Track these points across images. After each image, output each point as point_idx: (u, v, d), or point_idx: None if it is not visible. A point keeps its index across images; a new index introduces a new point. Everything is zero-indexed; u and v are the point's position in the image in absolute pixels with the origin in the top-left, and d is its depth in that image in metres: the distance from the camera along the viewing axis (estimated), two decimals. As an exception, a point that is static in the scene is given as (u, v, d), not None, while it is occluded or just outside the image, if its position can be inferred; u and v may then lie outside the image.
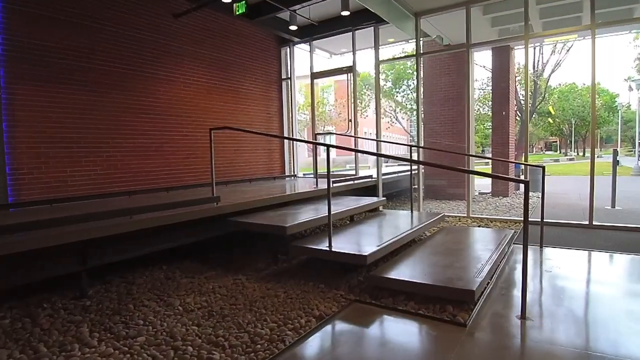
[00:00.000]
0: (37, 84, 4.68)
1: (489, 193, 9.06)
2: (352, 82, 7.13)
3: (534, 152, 49.17)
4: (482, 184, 10.14)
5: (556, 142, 49.13)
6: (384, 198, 5.31)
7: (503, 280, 3.22)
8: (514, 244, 4.39)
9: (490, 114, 9.50)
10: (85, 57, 5.09)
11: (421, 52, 6.35)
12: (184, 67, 6.28)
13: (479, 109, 25.50)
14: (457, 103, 8.48)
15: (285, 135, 8.13)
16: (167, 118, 6.04)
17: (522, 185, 2.53)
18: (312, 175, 7.96)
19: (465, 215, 6.07)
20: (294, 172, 8.26)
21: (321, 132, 17.88)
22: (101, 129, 5.27)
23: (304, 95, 28.83)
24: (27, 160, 4.66)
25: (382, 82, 26.87)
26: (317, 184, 5.83)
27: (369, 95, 29.20)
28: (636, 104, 29.19)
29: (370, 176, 6.94)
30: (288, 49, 8.06)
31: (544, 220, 5.20)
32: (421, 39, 7.75)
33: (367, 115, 30.41)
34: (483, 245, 3.90)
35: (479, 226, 5.41)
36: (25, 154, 4.64)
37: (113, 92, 5.39)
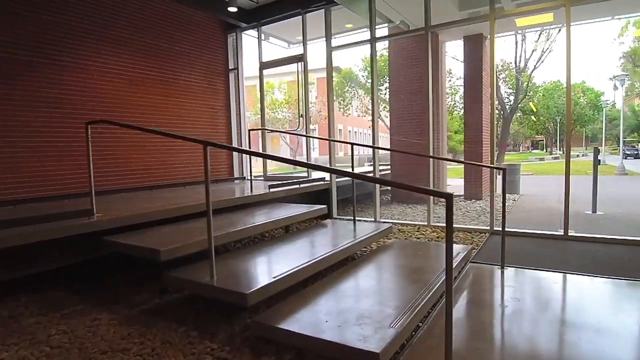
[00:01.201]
0: None
1: (461, 196, 8.29)
2: (302, 72, 6.27)
3: (520, 151, 48.92)
4: (455, 186, 9.38)
5: (542, 140, 48.98)
6: (324, 206, 4.47)
7: (440, 324, 2.39)
8: (471, 262, 3.58)
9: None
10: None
11: (375, 36, 5.52)
12: (100, 53, 5.35)
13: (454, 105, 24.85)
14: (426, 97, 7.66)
15: (234, 133, 7.25)
16: (76, 113, 5.11)
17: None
18: (262, 178, 7.10)
19: (426, 223, 5.26)
20: (243, 175, 7.38)
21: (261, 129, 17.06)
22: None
23: (283, 93, 27.93)
24: None
25: (362, 79, 26.10)
26: (251, 190, 4.97)
27: (351, 92, 28.41)
28: (621, 102, 28.92)
29: (323, 179, 6.10)
30: (235, 36, 7.17)
31: (513, 230, 4.44)
32: (385, 24, 6.95)
33: (349, 114, 29.62)
34: (426, 269, 3.07)
35: (437, 237, 4.60)
36: None
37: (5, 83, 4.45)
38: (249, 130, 5.05)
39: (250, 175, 7.35)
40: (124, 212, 3.54)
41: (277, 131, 6.80)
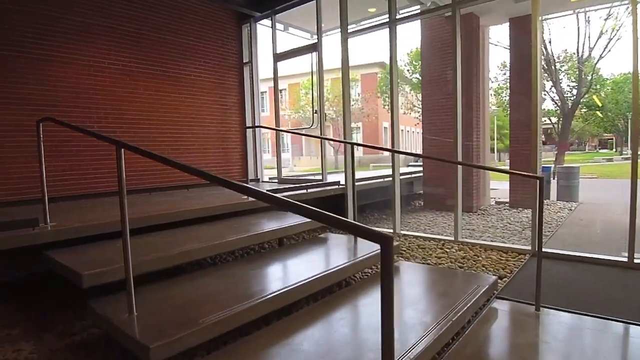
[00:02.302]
0: None
1: (505, 203, 7.21)
2: (317, 62, 5.61)
3: (585, 151, 44.65)
4: (503, 190, 8.24)
5: (612, 139, 44.39)
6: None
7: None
8: (498, 297, 2.74)
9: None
10: None
11: (395, 18, 4.72)
12: (98, 47, 5.04)
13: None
14: (465, 90, 6.69)
15: (248, 131, 6.74)
16: (70, 110, 4.83)
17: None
18: (277, 180, 6.53)
19: (453, 238, 4.39)
20: (257, 176, 6.86)
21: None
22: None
23: (330, 91, 27.28)
24: None
25: (407, 74, 24.83)
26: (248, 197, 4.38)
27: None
28: None
29: (338, 182, 5.39)
30: (249, 27, 6.66)
31: (558, 252, 3.55)
32: (415, 8, 6.12)
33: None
34: (428, 310, 2.30)
35: (463, 258, 3.73)
36: None
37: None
38: (246, 128, 4.48)
39: (261, 176, 6.87)
40: (84, 222, 3.09)
41: (283, 130, 6.19)
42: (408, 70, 24.29)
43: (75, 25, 4.86)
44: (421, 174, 7.65)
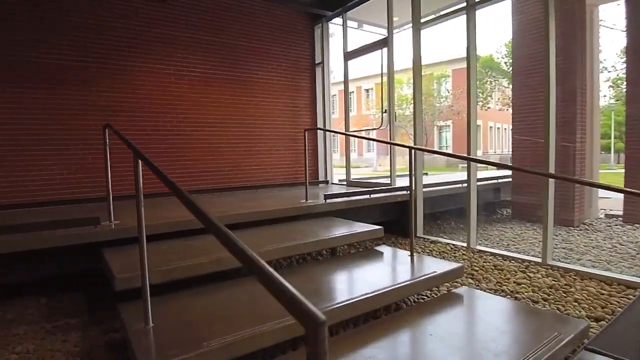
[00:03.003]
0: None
1: (619, 217, 6.01)
2: (386, 58, 5.22)
3: None
4: (616, 200, 6.92)
5: None
6: (378, 228, 3.45)
7: None
8: (586, 350, 2.15)
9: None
10: (43, 52, 4.50)
11: (475, 1, 4.14)
12: (174, 56, 5.34)
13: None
14: (564, 81, 5.70)
15: (319, 133, 6.62)
16: (151, 115, 5.18)
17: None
18: (346, 182, 6.30)
19: (541, 260, 3.70)
20: (327, 178, 6.70)
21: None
22: (65, 130, 4.66)
23: (409, 87, 26.16)
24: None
25: (505, 67, 22.63)
26: (306, 198, 4.23)
27: (491, 82, 25.16)
28: None
29: (407, 187, 4.96)
30: (322, 27, 6.51)
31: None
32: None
33: (488, 107, 26.31)
34: None
35: (551, 288, 3.08)
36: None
37: (80, 88, 4.72)
38: (305, 130, 4.32)
39: (331, 177, 6.67)
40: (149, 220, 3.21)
41: (332, 131, 5.88)
42: (505, 63, 22.16)
43: (156, 37, 5.19)
44: (510, 179, 6.77)
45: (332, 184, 6.63)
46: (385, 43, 5.25)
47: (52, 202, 4.55)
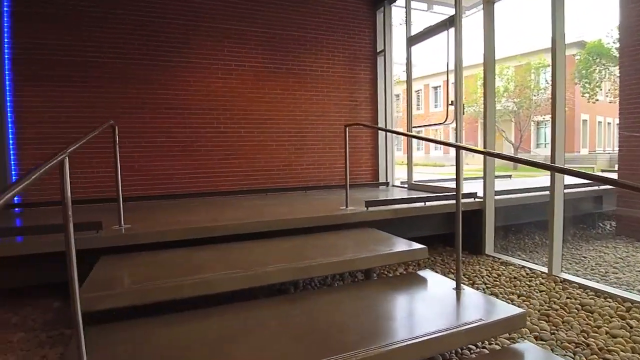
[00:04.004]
0: (42, 84, 4.46)
1: None
2: (453, 40, 4.42)
3: None
4: None
5: None
6: (422, 247, 2.79)
7: None
8: None
9: None
10: (94, 51, 4.62)
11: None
12: (223, 51, 5.16)
13: None
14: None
15: (389, 128, 5.99)
16: (198, 112, 5.08)
17: None
18: (407, 185, 5.60)
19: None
20: (387, 180, 6.05)
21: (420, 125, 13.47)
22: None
23: (511, 80, 23.60)
24: (34, 161, 4.50)
25: (617, 52, 19.19)
26: (346, 204, 3.71)
27: (600, 71, 21.69)
28: None
29: (474, 194, 4.15)
30: (384, 11, 5.86)
31: None
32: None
33: (596, 99, 22.78)
34: None
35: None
36: (32, 155, 4.50)
37: (127, 87, 4.77)
38: (345, 126, 3.78)
39: (392, 179, 6.01)
40: (162, 225, 3.01)
41: (374, 127, 5.06)
42: (616, 49, 18.80)
43: (206, 31, 5.06)
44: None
45: (393, 186, 5.97)
46: (452, 22, 4.45)
47: (100, 200, 4.65)
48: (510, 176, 7.08)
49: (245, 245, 2.92)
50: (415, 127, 5.49)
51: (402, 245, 2.91)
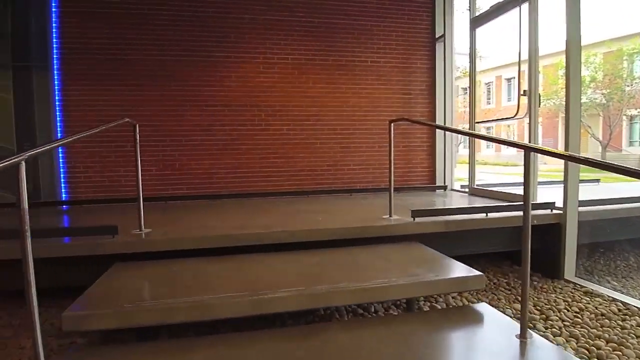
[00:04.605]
0: (87, 83, 4.50)
1: None
2: (527, 17, 3.66)
3: None
4: None
5: None
6: (478, 274, 2.18)
7: None
8: None
9: None
10: (136, 49, 4.56)
11: None
12: (264, 42, 4.86)
13: None
14: None
15: (438, 124, 5.31)
16: (238, 109, 4.83)
17: None
18: (467, 190, 4.88)
19: None
20: (445, 182, 5.36)
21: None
22: (156, 126, 4.65)
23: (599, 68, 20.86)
24: (82, 159, 4.56)
25: None
26: (390, 212, 3.18)
27: None
28: None
29: (552, 204, 3.37)
30: (444, -10, 5.16)
31: None
32: None
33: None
34: None
35: None
36: (81, 153, 4.55)
37: (170, 84, 4.66)
38: (390, 122, 3.24)
39: (451, 182, 5.31)
40: (179, 232, 2.75)
41: (424, 124, 4.31)
42: None
43: (248, 23, 4.79)
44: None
45: (452, 190, 5.27)
46: (526, -4, 3.68)
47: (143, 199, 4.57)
48: (598, 180, 5.93)
49: (264, 258, 2.55)
50: (479, 122, 4.75)
51: (452, 269, 2.33)
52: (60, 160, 4.52)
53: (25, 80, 4.29)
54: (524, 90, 3.75)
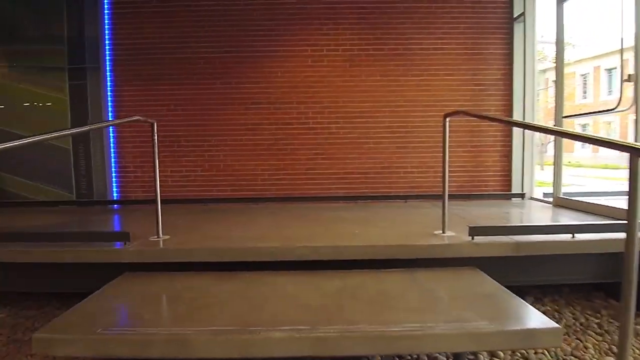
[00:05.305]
0: (140, 82, 4.52)
1: None
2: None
3: None
4: None
5: None
6: (554, 327, 1.53)
7: None
8: None
9: None
10: (183, 47, 4.47)
11: None
12: (313, 33, 4.47)
13: None
14: None
15: (517, 119, 4.48)
16: (283, 107, 4.51)
17: None
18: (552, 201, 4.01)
19: None
20: (523, 189, 4.50)
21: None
22: (203, 125, 4.54)
23: None
24: (132, 158, 4.59)
25: None
26: (443, 227, 2.59)
27: None
28: None
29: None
30: (526, -40, 4.31)
31: None
32: None
33: None
34: None
35: None
36: (131, 153, 4.58)
37: (216, 82, 4.50)
38: (445, 116, 2.63)
39: (531, 189, 4.44)
40: (194, 243, 2.48)
41: (489, 118, 3.42)
42: None
43: (295, 13, 4.45)
44: None
45: (532, 199, 4.40)
46: (637, -50, 2.81)
47: (186, 200, 4.46)
48: None
49: (276, 278, 2.15)
50: (567, 116, 3.86)
51: (518, 315, 1.71)
52: (112, 159, 4.58)
53: (80, 82, 4.40)
54: (629, 75, 2.89)
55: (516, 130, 4.49)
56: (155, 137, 2.62)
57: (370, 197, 4.44)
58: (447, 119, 2.61)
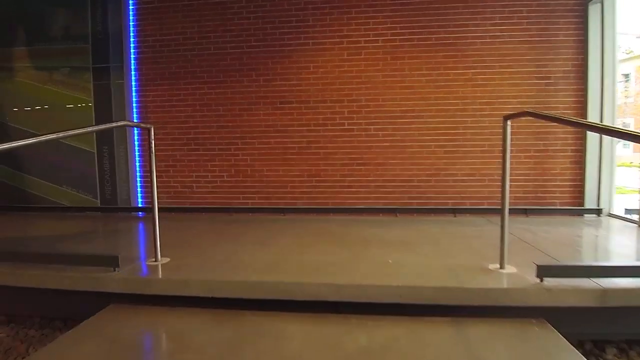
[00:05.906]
0: (164, 81, 4.27)
1: None
2: None
3: None
4: None
5: None
6: None
7: None
8: None
9: None
10: (211, 42, 4.16)
11: None
12: (349, 24, 3.99)
13: None
14: None
15: (594, 120, 3.75)
16: (317, 106, 4.08)
17: None
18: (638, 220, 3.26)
19: None
20: (599, 204, 3.74)
21: None
22: (229, 127, 4.21)
23: None
24: (157, 162, 4.33)
25: None
26: (501, 261, 2.03)
27: None
28: None
29: None
30: None
31: None
32: None
33: None
34: None
35: None
36: (156, 157, 4.32)
37: (243, 79, 4.15)
38: (505, 118, 2.05)
39: (610, 204, 3.69)
40: (191, 273, 2.10)
41: (556, 119, 2.68)
42: None
43: (327, 0, 3.98)
44: None
45: (611, 215, 3.65)
46: None
47: (211, 209, 4.16)
48: None
49: (284, 326, 1.70)
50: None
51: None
52: (137, 165, 4.37)
53: (104, 81, 4.22)
54: None
55: (590, 134, 3.75)
56: (153, 143, 2.29)
57: (412, 210, 3.90)
58: (509, 122, 2.04)
